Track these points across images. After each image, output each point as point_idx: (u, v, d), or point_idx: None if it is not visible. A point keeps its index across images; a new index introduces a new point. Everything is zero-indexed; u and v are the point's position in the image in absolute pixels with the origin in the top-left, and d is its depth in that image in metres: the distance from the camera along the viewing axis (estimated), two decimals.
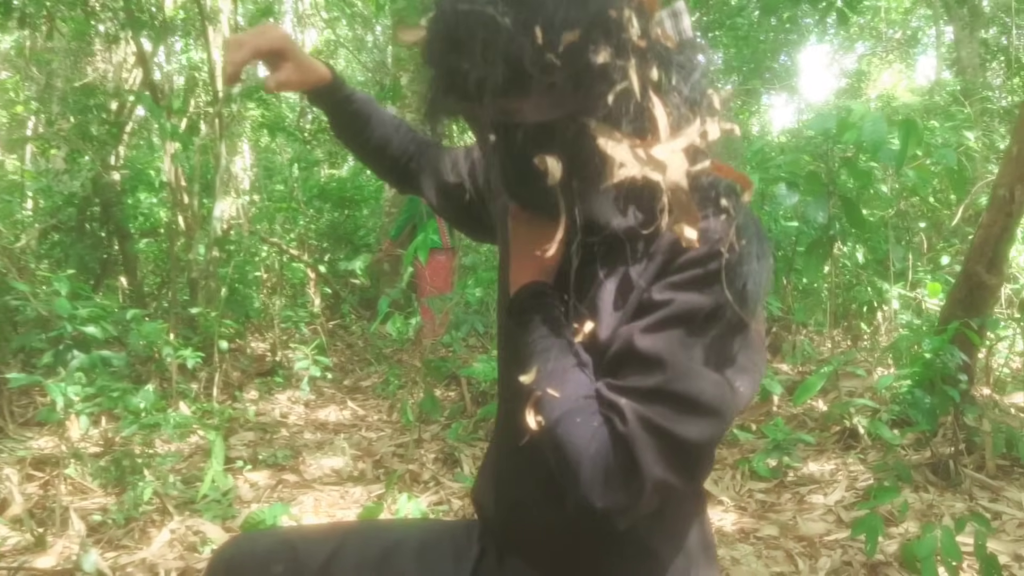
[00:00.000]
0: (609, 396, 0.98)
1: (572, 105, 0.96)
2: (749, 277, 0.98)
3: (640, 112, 0.96)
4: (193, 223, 6.60)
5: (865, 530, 2.41)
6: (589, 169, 0.99)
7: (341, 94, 1.48)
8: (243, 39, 1.31)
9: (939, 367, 3.24)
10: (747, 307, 0.98)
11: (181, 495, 3.44)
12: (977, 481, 3.22)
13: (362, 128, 1.53)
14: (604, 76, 0.94)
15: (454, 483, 3.75)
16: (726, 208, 1.00)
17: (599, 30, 0.92)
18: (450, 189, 1.49)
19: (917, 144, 3.57)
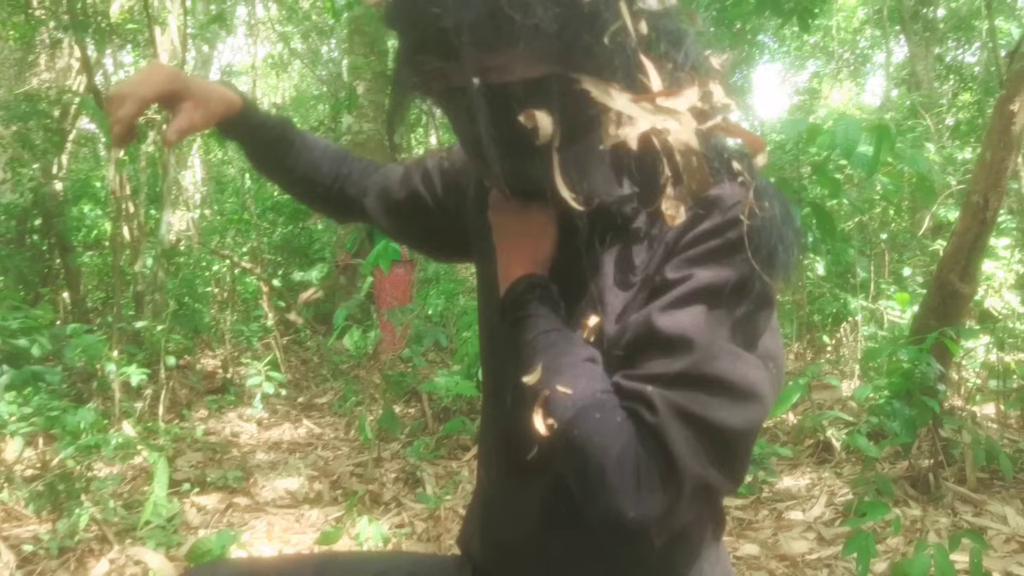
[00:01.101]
0: (632, 386, 0.84)
1: (560, 57, 0.86)
2: (777, 243, 0.86)
3: (632, 70, 0.86)
4: (139, 235, 6.33)
5: (856, 549, 2.29)
6: (582, 131, 0.89)
7: (255, 120, 1.27)
8: (125, 91, 1.10)
9: (917, 378, 3.15)
10: (776, 276, 0.86)
11: (122, 521, 3.21)
12: (959, 495, 3.13)
13: (284, 155, 1.33)
14: (593, 16, 0.85)
15: (416, 504, 3.56)
16: (739, 172, 0.89)
17: None
18: (403, 207, 1.31)
19: (890, 150, 3.49)
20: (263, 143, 1.31)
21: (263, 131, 1.29)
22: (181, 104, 1.14)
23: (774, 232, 0.86)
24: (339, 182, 1.35)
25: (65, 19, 6.25)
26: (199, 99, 1.16)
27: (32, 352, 3.29)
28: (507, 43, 0.84)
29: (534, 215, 1.00)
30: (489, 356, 1.16)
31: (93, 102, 5.04)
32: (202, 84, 1.18)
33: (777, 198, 0.90)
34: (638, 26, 0.87)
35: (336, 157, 1.37)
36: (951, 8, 11.51)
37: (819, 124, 3.61)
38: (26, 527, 3.23)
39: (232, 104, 1.22)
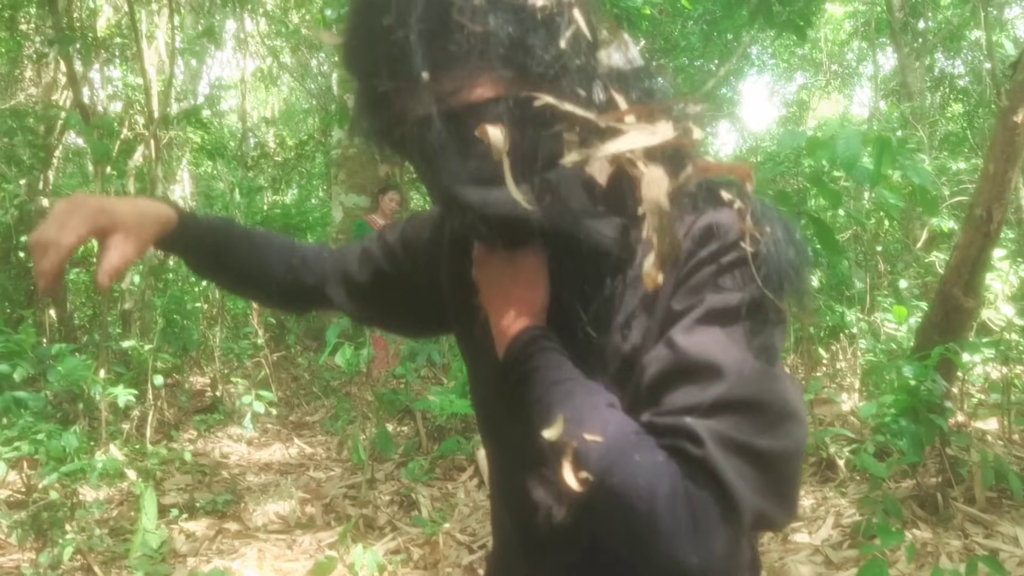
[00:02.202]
0: (668, 421, 0.77)
1: (518, 75, 0.83)
2: (784, 265, 0.82)
3: (602, 101, 0.85)
4: None
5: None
6: (553, 156, 0.84)
7: (194, 232, 1.17)
8: (46, 239, 0.99)
9: (923, 395, 3.09)
10: (787, 298, 0.83)
11: (108, 550, 3.11)
12: (969, 516, 3.06)
13: (229, 260, 1.23)
14: (548, 21, 0.82)
15: (412, 528, 3.47)
16: (729, 200, 0.86)
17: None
18: (368, 289, 1.24)
19: (891, 162, 3.44)
20: (206, 252, 1.21)
21: (203, 241, 1.19)
22: (111, 238, 1.02)
23: (780, 255, 0.83)
24: (292, 274, 1.26)
25: (51, 33, 6.17)
26: (129, 227, 1.04)
27: (13, 377, 3.19)
28: (461, 57, 0.81)
29: (522, 262, 0.93)
30: (487, 425, 1.11)
31: (80, 117, 4.95)
32: (130, 209, 1.07)
33: (778, 220, 0.86)
34: (604, 51, 0.86)
35: (283, 249, 1.28)
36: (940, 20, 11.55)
37: (819, 136, 3.55)
38: (9, 556, 3.13)
39: (167, 221, 1.12)
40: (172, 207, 1.13)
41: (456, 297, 1.08)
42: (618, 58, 0.90)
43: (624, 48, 0.91)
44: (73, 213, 1.00)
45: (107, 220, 1.02)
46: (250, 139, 12.35)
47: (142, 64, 6.11)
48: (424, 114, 0.84)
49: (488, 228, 0.88)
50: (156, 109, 6.24)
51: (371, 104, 0.89)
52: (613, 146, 0.81)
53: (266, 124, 15.93)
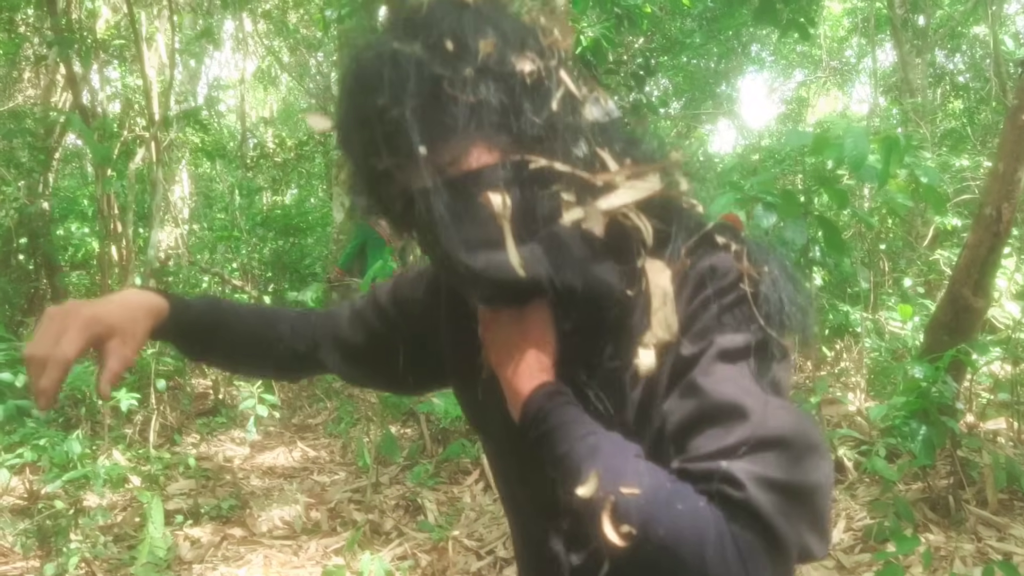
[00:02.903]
0: (702, 467, 0.76)
1: (512, 140, 0.86)
2: (784, 304, 0.84)
3: (590, 158, 0.88)
4: (128, 254, 6.20)
5: None
6: (551, 215, 0.87)
7: (185, 319, 1.15)
8: (42, 354, 0.96)
9: (934, 396, 3.06)
10: (785, 332, 0.84)
11: (113, 558, 3.08)
12: (981, 518, 3.03)
13: (220, 340, 1.22)
14: (536, 86, 0.86)
15: (418, 533, 3.44)
16: (724, 243, 0.88)
17: (515, 35, 0.86)
18: (363, 351, 1.22)
19: (899, 161, 3.42)
20: (198, 337, 1.19)
21: (195, 326, 1.17)
22: (107, 344, 1.00)
23: (779, 292, 0.84)
24: (282, 344, 1.24)
25: (49, 35, 6.14)
26: (124, 330, 1.02)
27: (15, 385, 3.16)
28: (456, 127, 0.83)
29: (530, 318, 0.93)
30: (501, 476, 1.12)
31: (80, 119, 4.92)
32: (122, 310, 1.04)
33: (775, 259, 0.88)
34: (586, 107, 0.88)
35: (270, 320, 1.26)
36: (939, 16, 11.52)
37: (826, 135, 3.52)
38: (12, 564, 3.10)
39: (158, 312, 1.09)
40: (161, 296, 1.11)
41: (456, 354, 1.08)
42: (597, 112, 0.92)
43: (603, 102, 0.94)
44: (67, 325, 0.98)
45: (102, 328, 1.00)
46: (249, 140, 12.32)
47: (142, 66, 6.08)
48: (424, 186, 0.85)
49: (493, 291, 0.90)
50: (156, 111, 6.21)
51: (370, 182, 0.91)
52: (607, 202, 0.85)
53: (265, 124, 15.91)
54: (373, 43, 0.88)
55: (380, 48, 0.86)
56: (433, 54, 0.83)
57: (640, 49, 9.03)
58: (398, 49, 0.84)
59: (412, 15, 0.88)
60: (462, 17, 0.86)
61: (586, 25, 7.14)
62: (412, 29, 0.86)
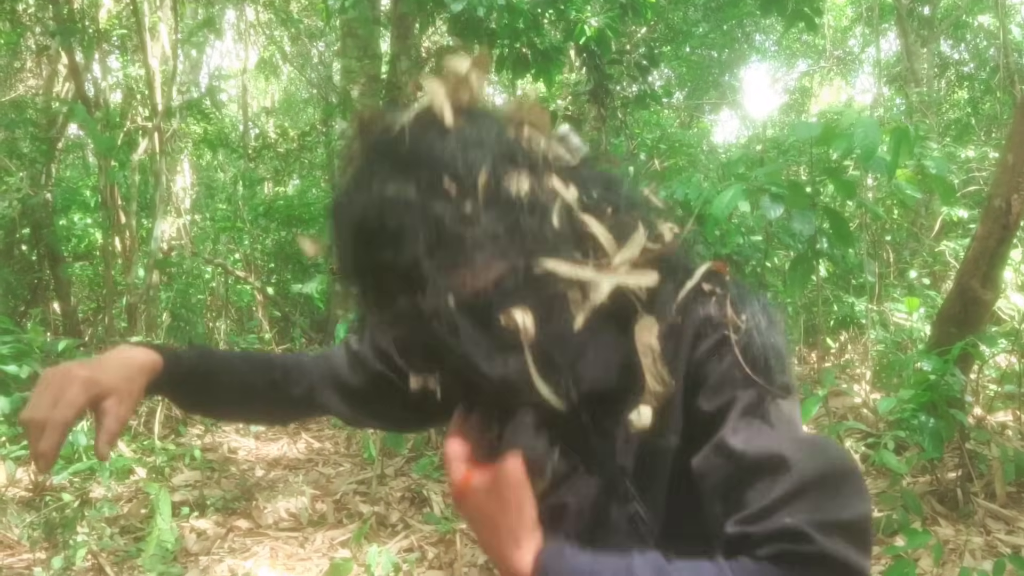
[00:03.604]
0: (766, 529, 0.80)
1: (514, 249, 0.88)
2: (768, 352, 0.89)
3: (579, 233, 0.91)
4: (131, 244, 6.18)
5: None
6: (556, 311, 0.91)
7: (179, 371, 1.14)
8: (40, 417, 0.95)
9: (943, 389, 3.05)
10: (776, 379, 0.89)
11: (120, 549, 3.08)
12: (989, 511, 3.03)
13: (215, 391, 1.21)
14: (533, 203, 0.88)
15: (424, 525, 3.44)
16: (712, 291, 0.94)
17: (506, 159, 0.88)
18: (366, 393, 1.22)
19: (908, 153, 3.40)
20: (191, 389, 1.18)
21: (188, 379, 1.16)
22: (103, 404, 1.00)
23: (764, 342, 0.89)
24: (275, 389, 1.24)
25: (52, 25, 6.11)
26: (120, 389, 1.02)
27: (21, 376, 3.15)
28: (462, 255, 0.85)
29: (503, 483, 0.91)
30: None
31: (84, 109, 4.90)
32: (118, 369, 1.04)
33: (758, 304, 0.93)
34: (568, 190, 0.91)
35: (262, 366, 1.26)
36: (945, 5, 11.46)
37: (835, 126, 3.50)
38: (19, 556, 3.09)
39: (152, 368, 1.09)
40: (154, 351, 1.10)
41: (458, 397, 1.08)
42: (563, 151, 0.95)
43: (565, 140, 0.97)
44: (64, 388, 0.97)
45: (99, 390, 0.99)
46: (251, 130, 12.28)
47: (145, 55, 6.05)
48: (437, 311, 0.87)
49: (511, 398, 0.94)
50: (160, 100, 6.19)
51: (378, 302, 0.93)
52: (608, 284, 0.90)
53: (266, 114, 15.86)
54: (365, 186, 0.88)
55: (376, 195, 0.86)
56: (431, 195, 0.84)
57: (644, 39, 8.99)
58: (395, 196, 0.85)
59: (396, 148, 0.88)
60: (448, 145, 0.87)
61: (590, 15, 7.10)
62: (403, 168, 0.87)
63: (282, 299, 8.02)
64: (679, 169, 8.81)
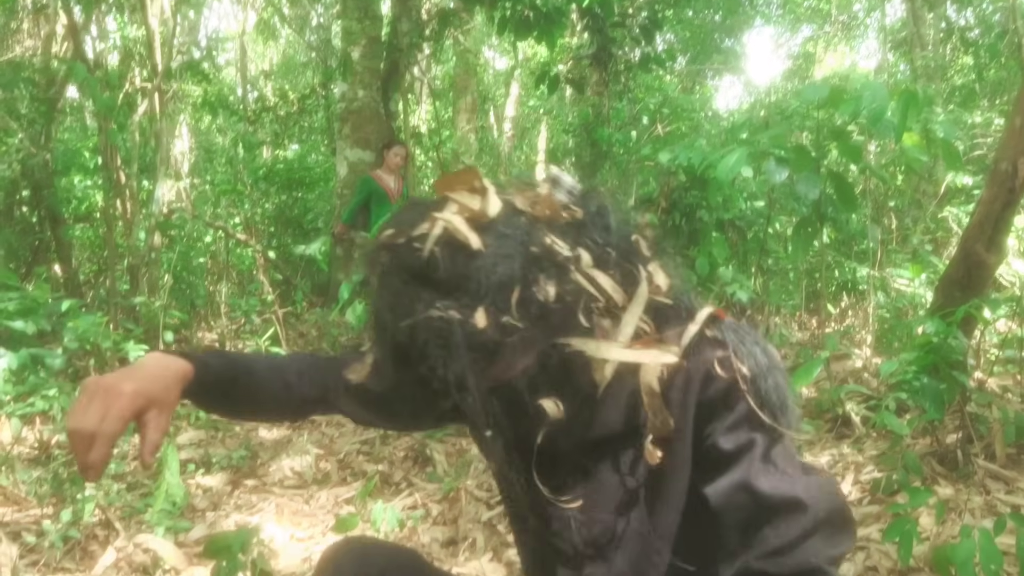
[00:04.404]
0: (787, 565, 0.98)
1: (543, 337, 0.99)
2: (771, 390, 1.01)
3: (594, 299, 1.01)
4: (132, 206, 6.17)
5: (898, 535, 2.21)
6: (577, 376, 1.02)
7: (208, 378, 1.19)
8: (88, 428, 1.01)
9: (946, 352, 3.06)
10: (782, 419, 1.02)
11: (127, 505, 3.10)
12: (989, 472, 3.05)
13: (237, 395, 1.27)
14: (561, 301, 0.97)
15: (428, 484, 3.47)
16: (715, 337, 1.04)
17: (535, 270, 0.96)
18: (385, 398, 1.30)
19: (916, 116, 3.38)
20: (218, 394, 1.24)
21: (215, 384, 1.22)
22: (145, 416, 1.07)
23: (769, 385, 1.01)
24: (289, 391, 1.31)
25: None
26: (160, 399, 1.09)
27: (27, 333, 3.15)
28: (499, 355, 0.96)
29: None
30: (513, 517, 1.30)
31: (83, 67, 4.86)
32: (160, 381, 1.10)
33: (758, 348, 1.03)
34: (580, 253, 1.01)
35: (279, 369, 1.33)
36: None
37: (842, 89, 3.49)
38: (26, 512, 3.12)
39: (186, 377, 1.15)
40: (185, 359, 1.16)
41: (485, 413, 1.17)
42: (560, 195, 1.06)
43: (558, 183, 1.07)
44: (111, 401, 1.03)
45: (143, 402, 1.05)
46: (250, 93, 12.18)
47: (145, 15, 5.99)
48: (469, 400, 0.99)
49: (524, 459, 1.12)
50: (160, 61, 6.14)
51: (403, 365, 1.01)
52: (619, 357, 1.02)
53: (265, 77, 15.72)
54: (408, 309, 0.95)
55: (421, 320, 0.93)
56: (471, 315, 0.92)
57: (647, 1, 8.89)
58: (439, 321, 0.92)
59: (432, 273, 0.95)
60: (480, 266, 0.94)
61: None
62: (443, 293, 0.94)
63: (283, 263, 8.02)
64: (681, 134, 8.77)
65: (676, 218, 5.38)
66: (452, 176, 1.04)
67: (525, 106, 15.95)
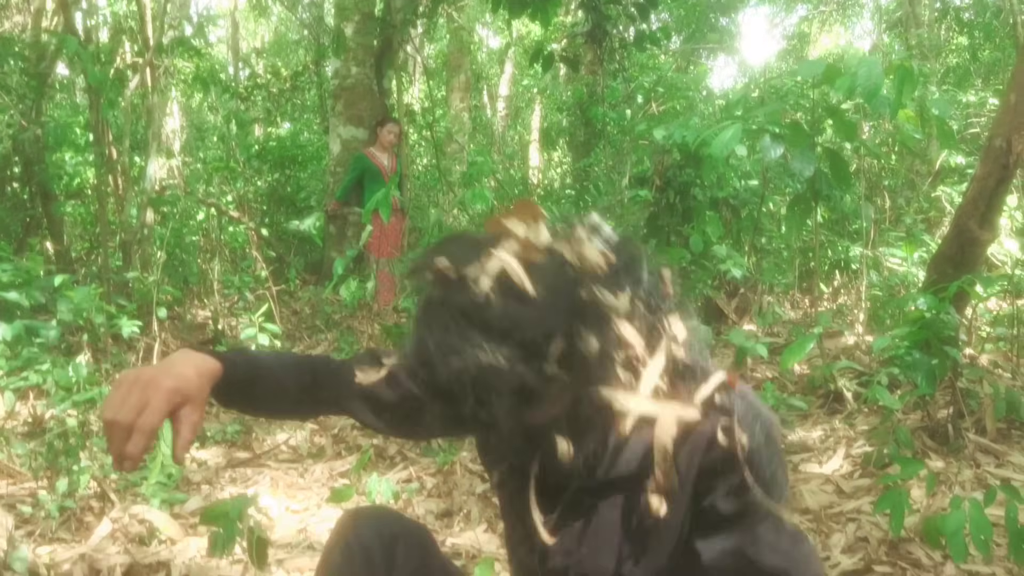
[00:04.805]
0: None
1: (581, 386, 1.04)
2: (765, 464, 1.07)
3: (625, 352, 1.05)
4: (124, 182, 6.13)
5: (889, 505, 2.23)
6: (603, 429, 1.11)
7: (235, 376, 1.22)
8: (126, 421, 1.04)
9: (938, 327, 3.08)
10: (776, 492, 1.08)
11: (121, 478, 3.11)
12: (980, 446, 3.08)
13: (257, 392, 1.29)
14: (602, 355, 1.02)
15: (423, 458, 3.48)
16: (722, 405, 1.09)
17: (579, 323, 0.99)
18: (398, 406, 1.34)
19: (911, 92, 3.38)
20: (238, 391, 1.26)
21: (240, 383, 1.24)
22: (180, 412, 1.10)
23: (765, 459, 1.07)
24: (305, 391, 1.34)
25: None
26: (194, 397, 1.12)
27: (23, 304, 3.14)
28: (539, 404, 1.01)
29: None
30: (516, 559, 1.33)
31: (74, 40, 4.81)
32: (194, 378, 1.13)
33: (759, 419, 1.09)
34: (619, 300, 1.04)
35: (296, 370, 1.35)
36: None
37: (838, 65, 3.48)
38: (21, 484, 3.12)
39: (216, 375, 1.18)
40: (215, 358, 1.19)
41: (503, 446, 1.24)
42: (598, 243, 1.07)
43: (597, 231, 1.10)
44: (150, 395, 1.06)
45: (180, 399, 1.09)
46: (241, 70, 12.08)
47: None
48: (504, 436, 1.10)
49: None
50: (151, 36, 6.08)
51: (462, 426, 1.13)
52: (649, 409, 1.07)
53: (256, 55, 15.61)
54: (457, 349, 0.97)
55: (470, 361, 0.96)
56: (518, 362, 0.96)
57: None
58: (488, 363, 0.95)
59: (485, 316, 0.97)
60: (531, 316, 0.98)
61: None
62: (493, 337, 0.96)
63: (276, 240, 7.99)
64: (676, 113, 8.75)
65: (670, 196, 5.38)
66: (509, 211, 1.09)
67: (519, 85, 15.89)
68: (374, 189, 6.53)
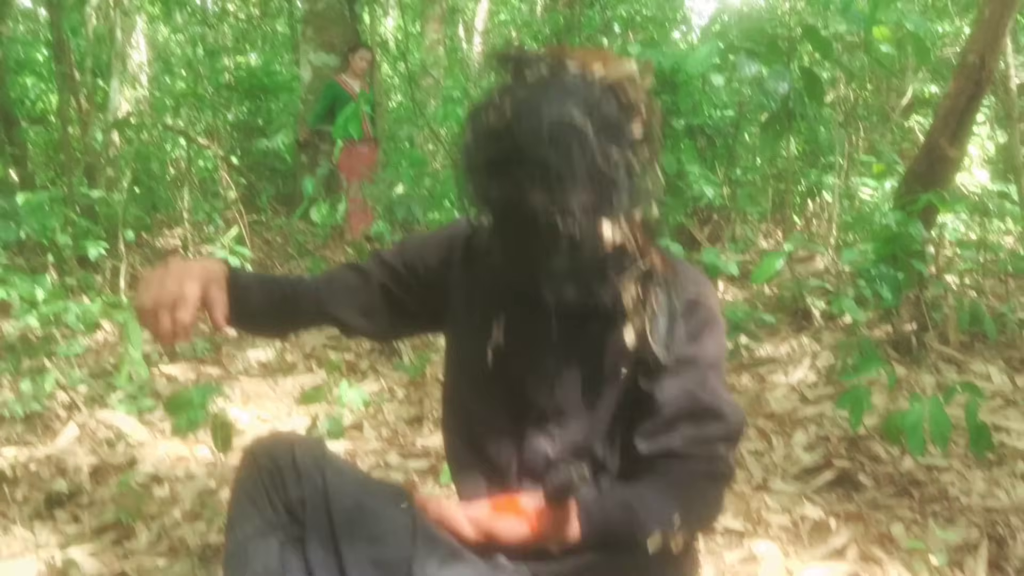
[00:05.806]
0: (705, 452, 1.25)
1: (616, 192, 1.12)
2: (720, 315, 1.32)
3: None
4: (88, 106, 5.98)
5: (850, 403, 2.26)
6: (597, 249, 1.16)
7: (238, 282, 1.29)
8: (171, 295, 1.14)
9: (905, 241, 3.10)
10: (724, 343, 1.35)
11: (90, 390, 3.09)
12: (943, 355, 3.13)
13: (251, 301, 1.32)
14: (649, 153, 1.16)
15: (395, 372, 3.49)
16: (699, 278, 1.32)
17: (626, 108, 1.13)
18: (380, 305, 1.40)
19: (886, 6, 3.35)
20: (238, 297, 1.29)
21: (239, 289, 1.29)
22: (209, 292, 1.19)
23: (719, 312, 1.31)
24: (287, 302, 1.38)
25: None
26: (219, 277, 1.22)
27: None
28: (595, 189, 1.10)
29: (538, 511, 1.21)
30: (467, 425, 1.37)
31: None
32: (216, 267, 1.24)
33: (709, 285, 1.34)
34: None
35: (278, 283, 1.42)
36: None
37: None
38: None
39: (224, 269, 1.27)
40: (223, 263, 1.28)
41: (463, 289, 1.34)
42: None
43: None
44: (185, 276, 1.16)
45: (208, 277, 1.20)
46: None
47: None
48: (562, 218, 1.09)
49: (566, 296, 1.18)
50: None
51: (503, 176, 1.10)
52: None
53: None
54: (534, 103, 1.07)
55: (564, 117, 1.06)
56: (604, 141, 1.08)
57: None
58: (581, 127, 1.06)
59: (559, 75, 1.11)
60: (603, 93, 1.10)
61: None
62: (567, 95, 1.08)
63: (247, 170, 7.87)
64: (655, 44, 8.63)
65: None
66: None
67: (496, 19, 15.60)
68: None
